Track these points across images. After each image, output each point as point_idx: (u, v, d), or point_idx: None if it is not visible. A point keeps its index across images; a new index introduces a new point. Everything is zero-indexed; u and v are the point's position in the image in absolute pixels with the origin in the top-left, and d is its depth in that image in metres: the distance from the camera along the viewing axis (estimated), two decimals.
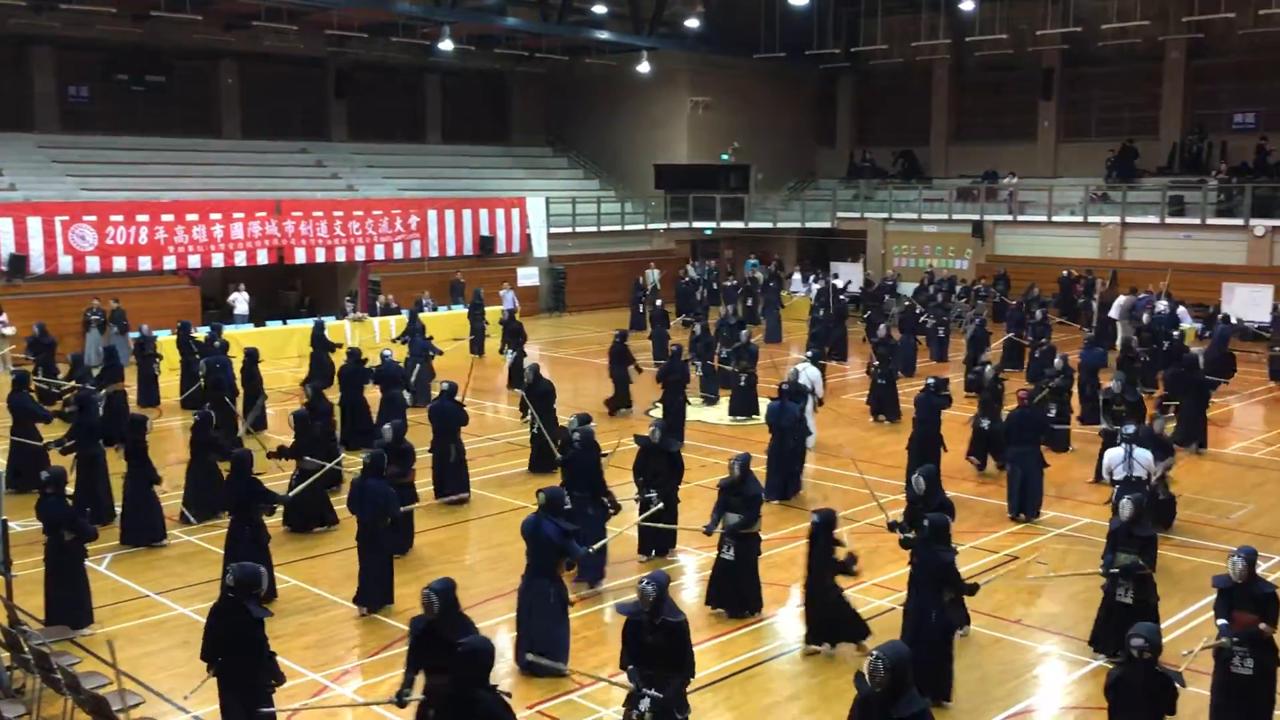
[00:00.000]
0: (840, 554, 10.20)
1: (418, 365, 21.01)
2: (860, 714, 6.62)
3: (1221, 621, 8.41)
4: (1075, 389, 18.39)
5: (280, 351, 25.62)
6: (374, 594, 11.34)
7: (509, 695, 7.05)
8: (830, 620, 10.27)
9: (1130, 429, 13.00)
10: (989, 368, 17.28)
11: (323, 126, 36.82)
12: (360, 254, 31.11)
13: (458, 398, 15.05)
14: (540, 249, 35.14)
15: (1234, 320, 25.27)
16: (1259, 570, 8.63)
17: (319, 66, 36.17)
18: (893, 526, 10.81)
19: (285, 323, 27.83)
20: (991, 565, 12.58)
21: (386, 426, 13.27)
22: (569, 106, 41.02)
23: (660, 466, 12.31)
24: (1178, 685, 7.30)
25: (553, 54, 37.38)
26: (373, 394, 18.06)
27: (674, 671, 7.74)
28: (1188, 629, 10.75)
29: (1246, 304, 27.67)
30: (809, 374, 17.47)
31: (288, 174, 33.51)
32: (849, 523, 14.08)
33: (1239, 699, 8.32)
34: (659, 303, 27.49)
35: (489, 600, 11.51)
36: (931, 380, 15.67)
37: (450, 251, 33.04)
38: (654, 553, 12.83)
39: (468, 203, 33.71)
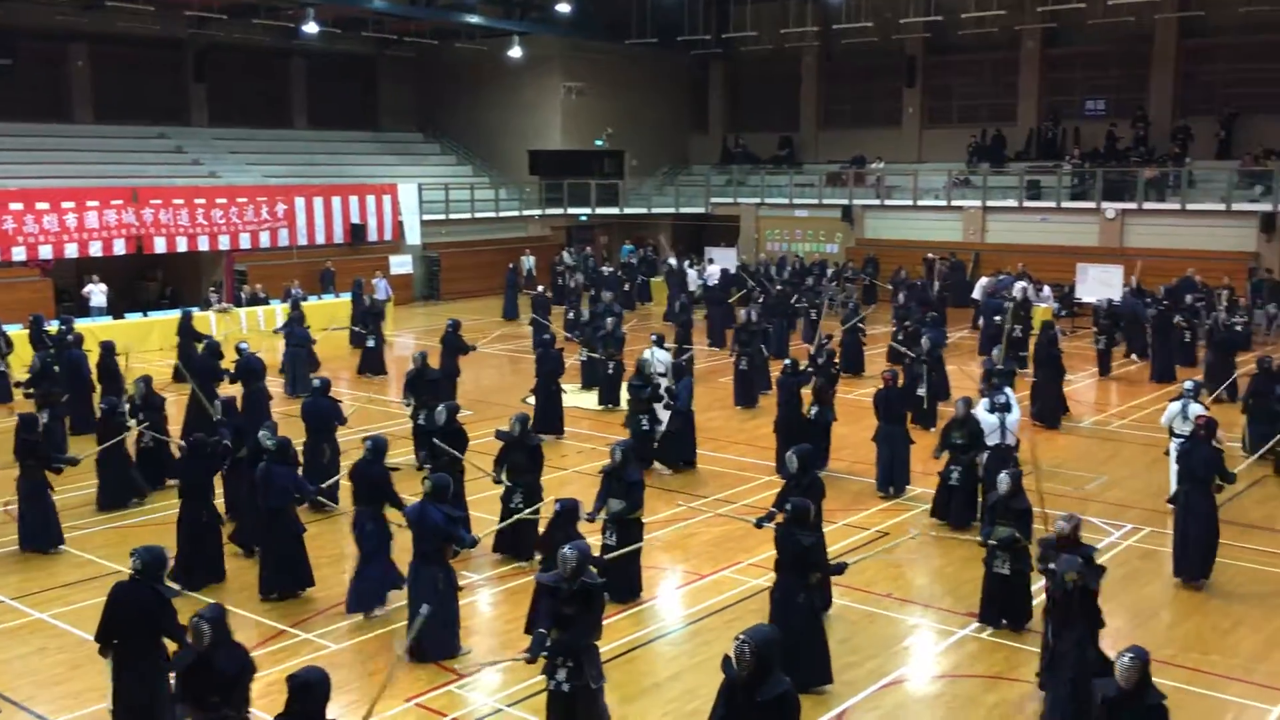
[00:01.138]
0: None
1: (295, 355, 20.53)
2: (726, 698, 6.66)
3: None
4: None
5: (141, 344, 24.70)
6: (284, 581, 11.26)
7: None
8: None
9: (1002, 397, 13.40)
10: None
11: (182, 111, 35.54)
12: (224, 243, 30.17)
13: (333, 394, 14.66)
14: (413, 237, 34.62)
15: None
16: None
17: (177, 48, 34.90)
18: (759, 523, 10.86)
19: (146, 314, 26.85)
20: (865, 541, 12.90)
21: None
22: (440, 91, 40.47)
23: (520, 460, 12.12)
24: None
25: (422, 38, 36.81)
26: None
27: (586, 634, 7.97)
28: None
29: (1098, 284, 28.83)
30: (659, 357, 17.61)
31: (145, 160, 32.27)
32: (726, 504, 14.29)
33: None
34: (540, 288, 27.33)
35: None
36: (789, 363, 15.96)
37: (320, 240, 32.28)
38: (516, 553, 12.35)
39: (337, 189, 32.99)
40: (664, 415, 16.09)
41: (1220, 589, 11.49)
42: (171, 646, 7.96)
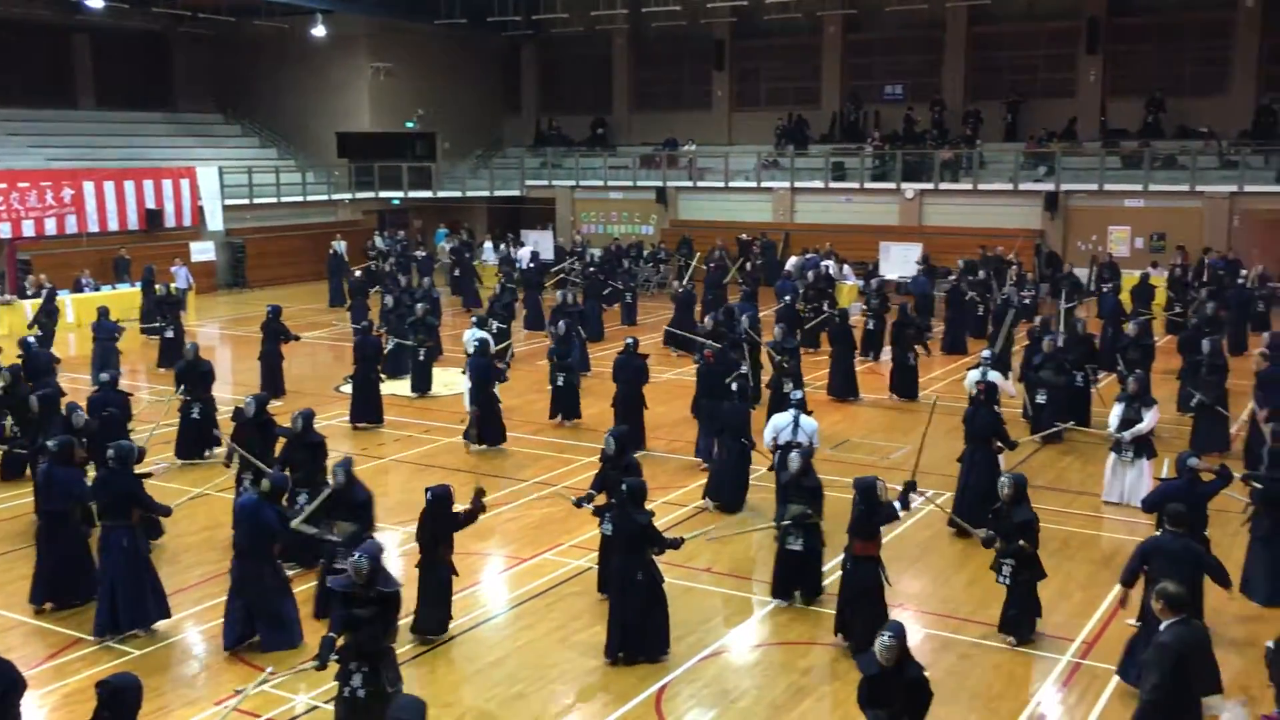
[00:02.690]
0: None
1: (105, 349, 19.52)
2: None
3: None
4: None
5: None
6: (58, 589, 10.67)
7: None
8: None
9: (799, 394, 13.49)
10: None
11: None
12: (5, 231, 28.25)
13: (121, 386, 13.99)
14: (215, 222, 33.22)
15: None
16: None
17: None
18: (579, 503, 10.99)
19: None
20: (687, 517, 13.13)
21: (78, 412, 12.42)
22: (240, 71, 38.81)
23: (302, 458, 11.66)
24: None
25: (218, 14, 35.23)
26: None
27: (380, 637, 7.81)
28: None
29: (899, 262, 30.15)
30: (475, 337, 17.60)
31: None
32: (546, 487, 14.31)
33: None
34: (358, 273, 26.62)
35: (203, 583, 11.02)
36: (630, 340, 16.09)
37: (113, 226, 30.60)
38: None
39: (130, 173, 31.31)
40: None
41: None
42: None
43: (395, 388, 19.65)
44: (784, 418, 12.96)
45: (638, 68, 40.80)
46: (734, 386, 13.92)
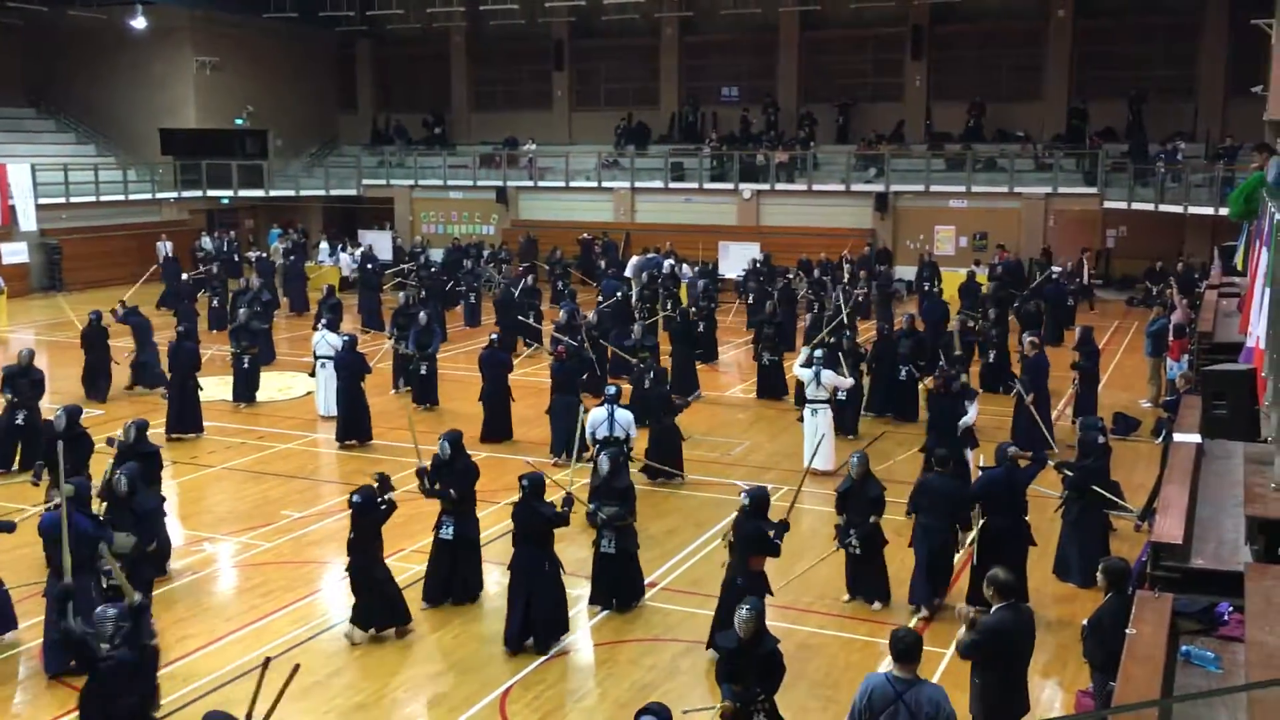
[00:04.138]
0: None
1: None
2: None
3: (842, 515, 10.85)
4: None
5: None
6: None
7: None
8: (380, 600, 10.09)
9: (612, 390, 13.58)
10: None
11: None
12: None
13: None
14: (27, 222, 31.43)
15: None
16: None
17: None
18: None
19: None
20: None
21: None
22: (54, 63, 36.76)
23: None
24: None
25: (29, 3, 33.30)
26: None
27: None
28: (701, 555, 11.83)
29: (739, 260, 30.68)
30: (329, 339, 17.29)
31: None
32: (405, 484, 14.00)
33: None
34: (185, 276, 25.56)
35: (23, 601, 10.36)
36: (494, 335, 16.54)
37: None
38: None
39: None
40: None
41: None
42: None
43: (220, 393, 18.86)
44: (600, 412, 13.16)
45: (477, 66, 40.42)
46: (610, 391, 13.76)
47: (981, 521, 10.27)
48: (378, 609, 10.03)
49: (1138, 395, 18.64)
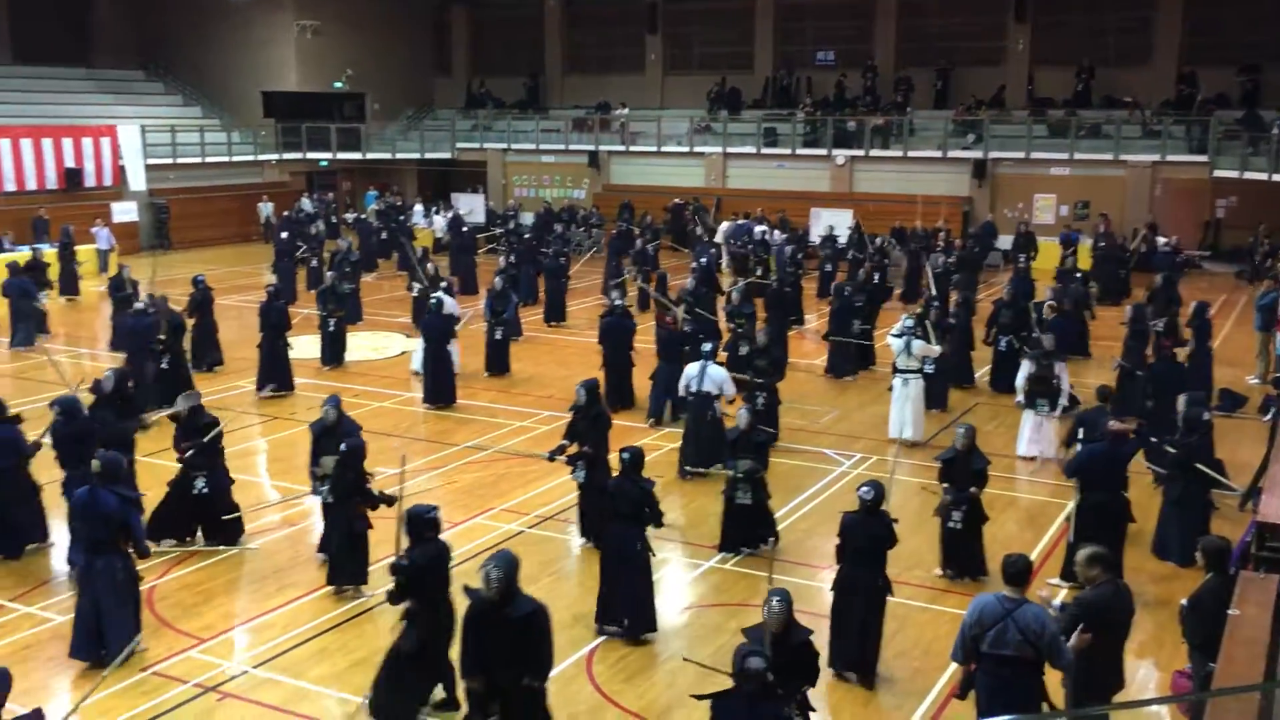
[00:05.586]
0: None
1: (18, 308, 19.07)
2: (474, 620, 7.09)
3: (945, 485, 10.42)
4: None
5: None
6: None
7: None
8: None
9: (708, 347, 13.73)
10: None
11: None
12: None
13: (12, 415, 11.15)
14: (137, 182, 32.40)
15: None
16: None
17: None
18: (551, 456, 11.27)
19: None
20: None
21: None
22: (163, 26, 37.73)
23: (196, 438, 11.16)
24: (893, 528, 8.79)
25: None
26: None
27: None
28: (788, 522, 11.82)
29: (827, 228, 30.25)
30: (448, 302, 17.49)
31: None
32: (477, 451, 14.25)
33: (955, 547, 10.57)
34: (284, 235, 26.14)
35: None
36: (618, 303, 16.42)
37: (30, 185, 29.77)
38: None
39: (48, 130, 30.40)
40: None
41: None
42: None
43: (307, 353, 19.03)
44: (694, 367, 13.44)
45: (570, 30, 40.43)
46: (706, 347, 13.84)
47: (1079, 496, 10.07)
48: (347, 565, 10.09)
49: (1245, 371, 18.05)
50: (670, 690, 8.71)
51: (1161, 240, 26.11)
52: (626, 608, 9.41)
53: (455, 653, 7.56)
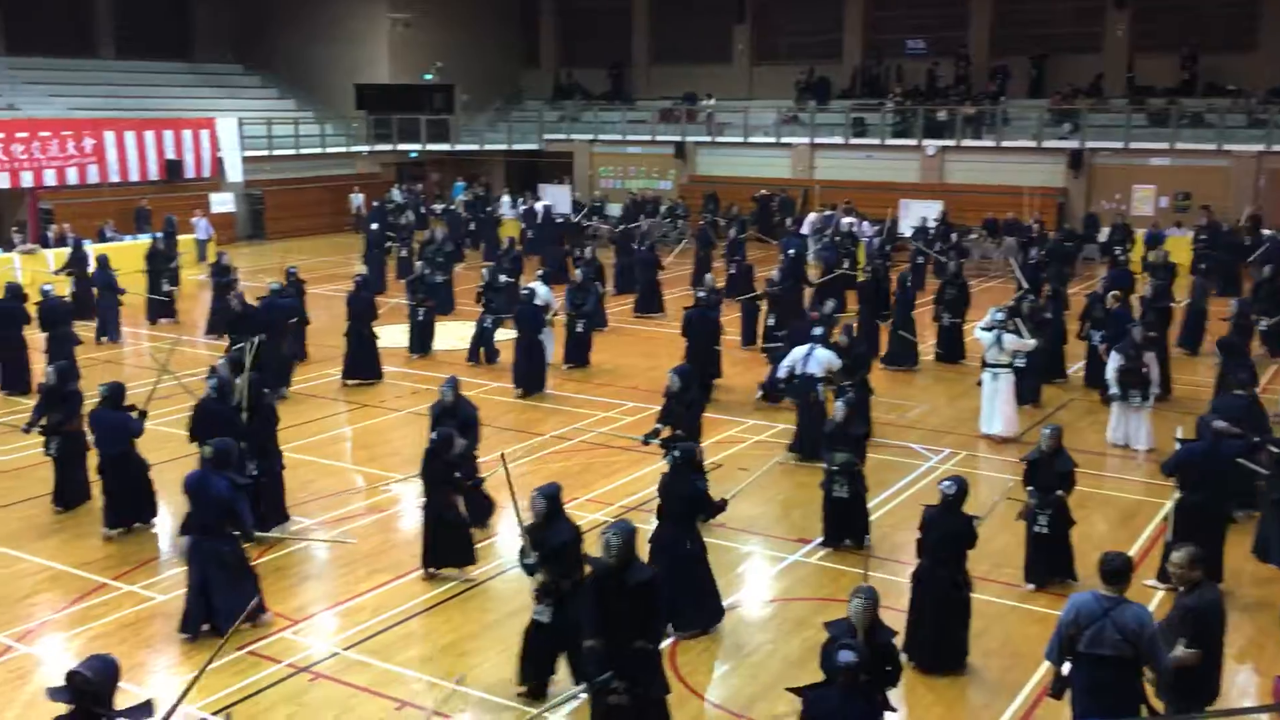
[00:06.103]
0: None
1: (105, 300, 19.61)
2: (597, 585, 7.37)
3: (1030, 488, 10.16)
4: None
5: None
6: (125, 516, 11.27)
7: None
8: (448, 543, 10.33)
9: (819, 331, 13.85)
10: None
11: None
12: (27, 180, 28.30)
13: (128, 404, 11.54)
14: (234, 174, 33.21)
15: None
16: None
17: None
18: (646, 439, 11.66)
19: None
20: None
21: (50, 368, 12.13)
22: (259, 20, 38.61)
23: (255, 425, 11.32)
24: (975, 526, 8.73)
25: None
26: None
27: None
28: (880, 513, 11.69)
29: (920, 219, 29.84)
30: (541, 292, 17.64)
31: None
32: (561, 441, 14.35)
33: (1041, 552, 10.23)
34: (375, 226, 26.53)
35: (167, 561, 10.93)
36: (704, 295, 16.34)
37: (133, 176, 30.66)
38: None
39: (150, 123, 31.29)
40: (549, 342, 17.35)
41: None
42: None
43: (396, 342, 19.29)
44: (800, 350, 13.45)
45: (657, 20, 40.38)
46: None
47: (1177, 496, 9.81)
48: (446, 549, 10.31)
49: None
50: (754, 683, 8.69)
51: (1266, 232, 25.24)
52: (684, 609, 9.23)
53: None
